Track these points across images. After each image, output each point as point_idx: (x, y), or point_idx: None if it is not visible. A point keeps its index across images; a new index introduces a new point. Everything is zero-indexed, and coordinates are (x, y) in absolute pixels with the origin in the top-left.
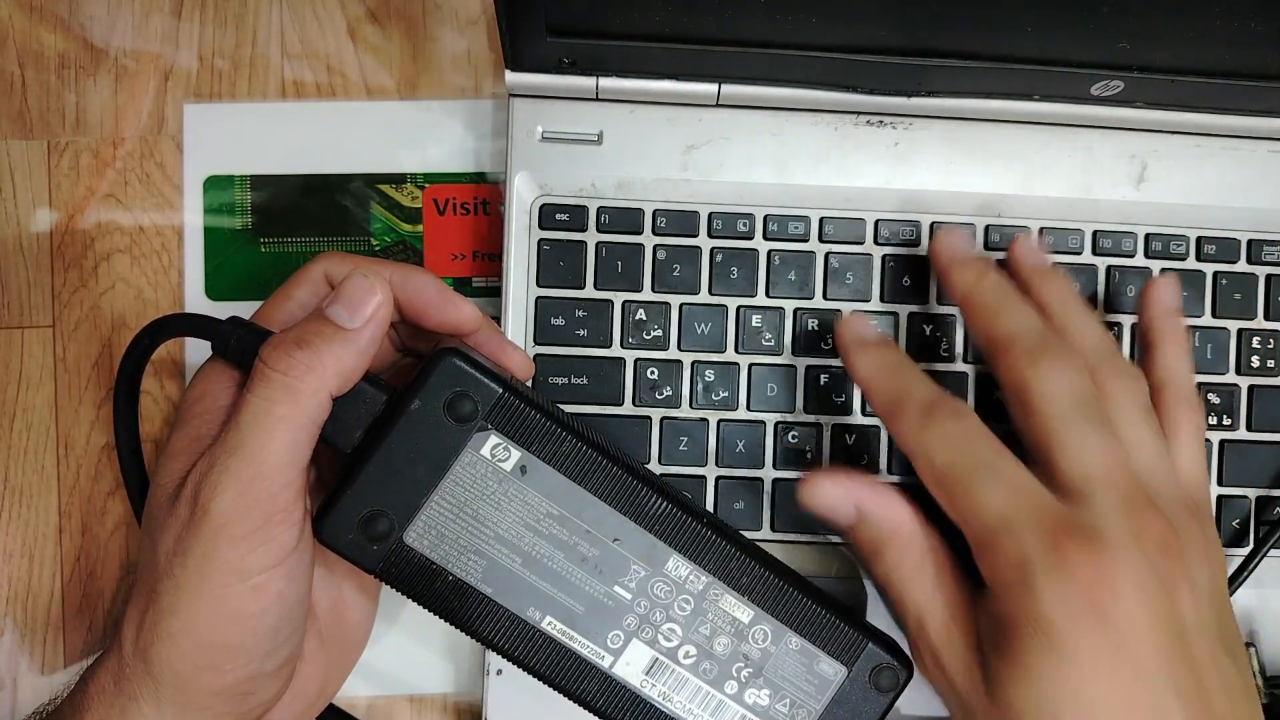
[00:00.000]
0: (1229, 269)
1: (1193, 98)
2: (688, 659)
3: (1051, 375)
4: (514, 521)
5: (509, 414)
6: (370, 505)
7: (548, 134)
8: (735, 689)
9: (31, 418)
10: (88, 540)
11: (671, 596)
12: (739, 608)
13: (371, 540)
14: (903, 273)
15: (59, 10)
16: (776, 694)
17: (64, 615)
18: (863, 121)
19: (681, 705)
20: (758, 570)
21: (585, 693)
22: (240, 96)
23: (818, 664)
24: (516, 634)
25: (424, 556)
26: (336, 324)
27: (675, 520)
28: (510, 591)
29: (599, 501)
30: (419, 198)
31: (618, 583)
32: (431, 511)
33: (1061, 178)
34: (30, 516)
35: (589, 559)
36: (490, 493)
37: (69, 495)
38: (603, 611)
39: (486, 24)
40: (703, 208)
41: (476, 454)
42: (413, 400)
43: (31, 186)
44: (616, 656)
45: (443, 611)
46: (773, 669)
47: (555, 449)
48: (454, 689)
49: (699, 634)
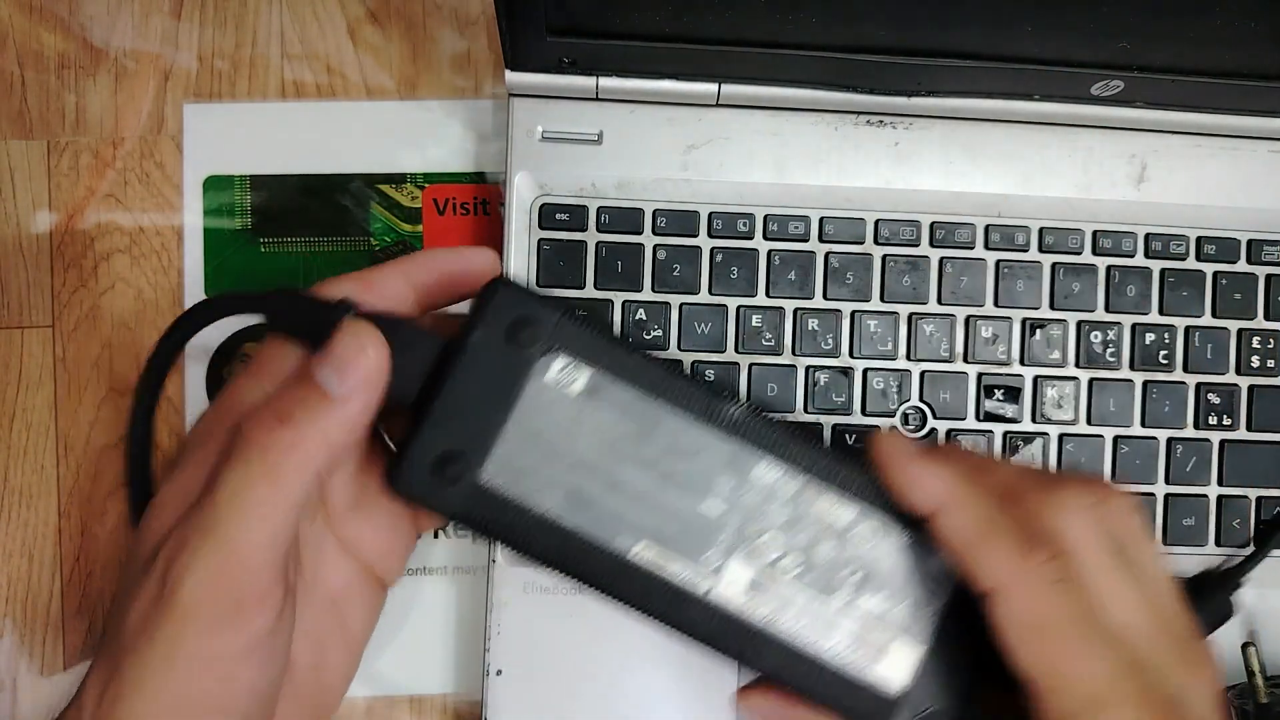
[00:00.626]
0: (1229, 269)
1: (1193, 98)
2: (791, 571)
3: (1082, 516)
4: (589, 446)
5: (571, 335)
6: (440, 448)
7: (548, 134)
8: (847, 596)
9: (31, 418)
10: (87, 540)
11: (764, 505)
12: (839, 508)
13: (446, 485)
14: (903, 273)
15: (59, 10)
16: (893, 597)
17: (63, 615)
18: (863, 121)
19: (790, 623)
20: (851, 466)
21: (687, 623)
22: (240, 97)
23: (932, 560)
24: (606, 568)
25: (502, 494)
26: (323, 391)
27: (756, 424)
28: (595, 521)
29: (674, 415)
30: (419, 198)
31: (706, 497)
32: (504, 446)
33: (1061, 178)
34: (30, 516)
35: (671, 476)
36: (562, 419)
37: (68, 495)
38: (694, 530)
39: (486, 24)
40: (703, 208)
41: (543, 380)
42: (472, 333)
43: (31, 187)
44: (715, 578)
45: (527, 550)
46: (885, 570)
47: (622, 365)
48: (454, 689)
49: (799, 541)
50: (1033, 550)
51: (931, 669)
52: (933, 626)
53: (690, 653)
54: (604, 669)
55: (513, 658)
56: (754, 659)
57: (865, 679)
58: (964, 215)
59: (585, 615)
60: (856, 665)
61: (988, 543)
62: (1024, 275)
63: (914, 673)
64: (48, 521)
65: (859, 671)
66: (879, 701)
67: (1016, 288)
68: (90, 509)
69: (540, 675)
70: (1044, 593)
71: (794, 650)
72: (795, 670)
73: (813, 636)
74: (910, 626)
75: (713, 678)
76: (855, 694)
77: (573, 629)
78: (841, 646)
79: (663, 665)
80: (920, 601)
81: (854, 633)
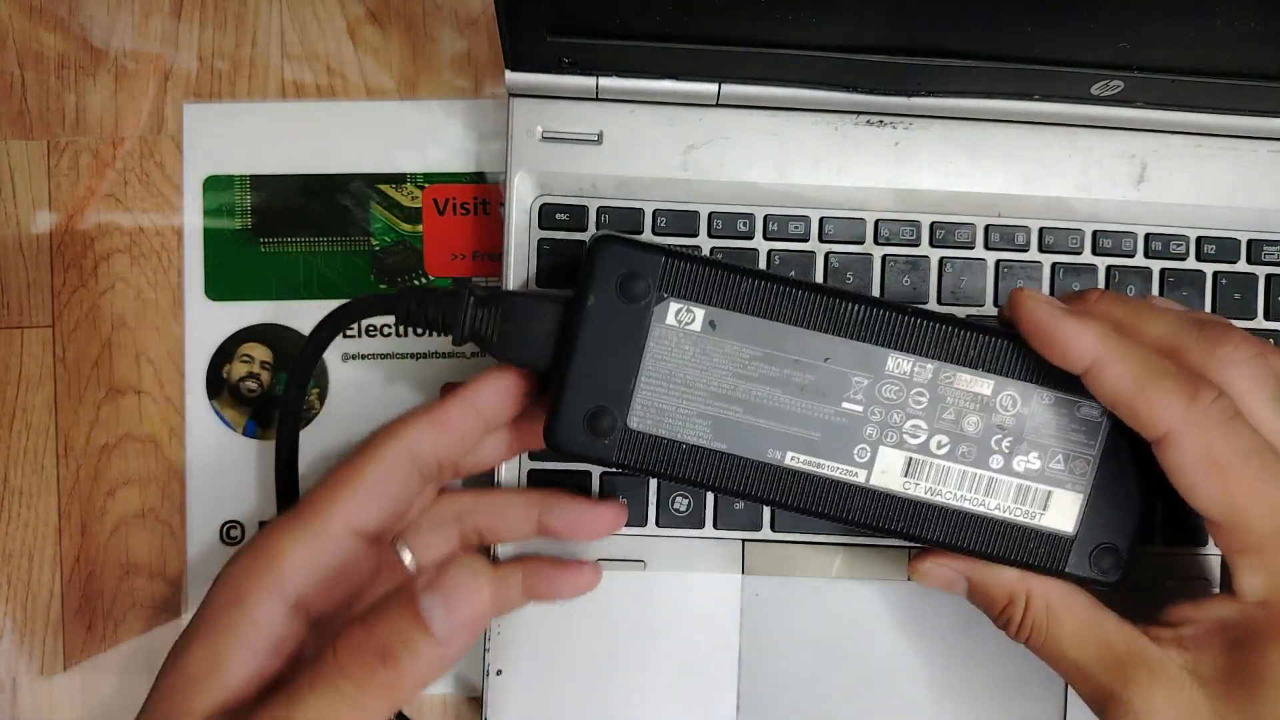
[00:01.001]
0: (1229, 269)
1: (1193, 98)
2: (941, 448)
3: (1243, 368)
4: (723, 375)
5: (679, 277)
6: (588, 405)
7: (548, 134)
8: (1001, 462)
9: (31, 418)
10: (87, 540)
11: (903, 394)
12: (977, 382)
13: (601, 436)
14: (903, 272)
15: (59, 11)
16: (1046, 453)
17: (63, 615)
18: (863, 121)
19: (952, 494)
20: (981, 340)
21: (852, 513)
22: (240, 97)
23: (1078, 411)
24: (764, 479)
25: (652, 435)
26: (428, 628)
27: (877, 320)
28: (744, 441)
29: (794, 328)
30: (419, 198)
31: (844, 399)
32: (643, 392)
33: (1061, 178)
34: (30, 517)
35: (807, 386)
36: (690, 356)
37: (68, 495)
38: (839, 431)
39: (486, 24)
40: (703, 208)
41: (664, 324)
42: (587, 296)
43: (31, 187)
44: (869, 469)
45: (689, 479)
46: (1033, 430)
47: (734, 294)
48: (454, 689)
49: (944, 420)
50: (1200, 391)
51: (1096, 511)
52: (1091, 472)
53: (690, 652)
54: (604, 669)
55: (513, 658)
56: (923, 533)
57: (1035, 528)
58: (964, 215)
59: (585, 615)
60: (1023, 519)
61: (1151, 390)
62: (1024, 275)
63: (1078, 518)
64: (48, 521)
65: (1028, 523)
66: (1053, 544)
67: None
68: (90, 509)
69: (540, 675)
70: (1217, 431)
71: (962, 516)
72: (965, 535)
73: (976, 502)
74: (1068, 477)
75: (713, 678)
76: (1028, 543)
77: (573, 629)
78: (1006, 506)
79: (663, 665)
80: (1073, 453)
81: (1014, 492)
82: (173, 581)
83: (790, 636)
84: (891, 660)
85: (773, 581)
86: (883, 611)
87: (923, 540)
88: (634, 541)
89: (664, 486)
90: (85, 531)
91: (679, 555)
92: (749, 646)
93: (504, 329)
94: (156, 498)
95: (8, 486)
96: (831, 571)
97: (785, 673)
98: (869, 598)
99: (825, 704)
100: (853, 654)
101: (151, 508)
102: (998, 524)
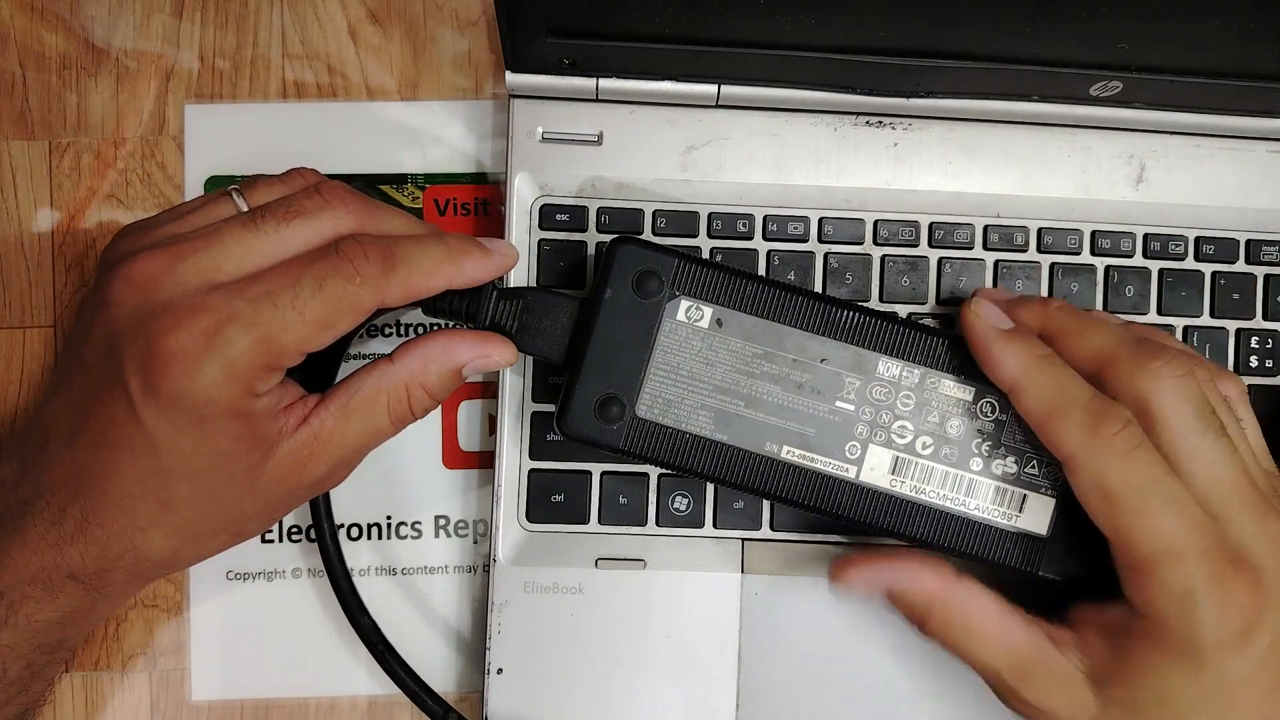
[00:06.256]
0: (1227, 269)
1: (1192, 98)
2: (926, 449)
3: (1171, 383)
4: (726, 370)
5: (691, 277)
6: (598, 393)
7: (548, 134)
8: (980, 464)
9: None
10: None
11: (891, 396)
12: (959, 389)
13: (609, 423)
14: (902, 273)
15: (60, 10)
16: (1022, 458)
17: None
18: (862, 122)
19: (935, 493)
20: (963, 350)
21: (841, 507)
22: (241, 97)
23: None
24: (761, 470)
25: (657, 423)
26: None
27: (870, 327)
28: (743, 434)
29: (795, 330)
30: (420, 198)
31: (837, 398)
32: (652, 382)
33: (1060, 178)
34: None
35: (804, 384)
36: (697, 351)
37: None
38: (832, 428)
39: (486, 25)
40: (702, 208)
41: (674, 320)
42: (604, 292)
43: (33, 187)
44: (859, 465)
45: (690, 468)
46: (1009, 436)
47: (741, 296)
48: (454, 689)
49: (929, 423)
50: (1102, 423)
51: (1065, 516)
52: (1063, 478)
53: (690, 651)
54: (604, 669)
55: (513, 657)
56: (908, 530)
57: (1011, 529)
58: (963, 215)
59: (585, 615)
60: (1001, 521)
61: (1058, 417)
62: (1023, 275)
63: (1051, 520)
64: None
65: (1005, 525)
66: (1027, 545)
67: (1015, 288)
68: None
69: (540, 675)
70: (1112, 463)
71: (944, 516)
72: (947, 533)
73: (958, 502)
74: (1042, 482)
75: (712, 677)
76: (1005, 544)
77: (573, 629)
78: (985, 506)
79: (662, 664)
80: (1047, 459)
81: (993, 494)
82: (174, 579)
83: (789, 635)
84: (891, 660)
85: (772, 581)
86: (882, 611)
87: (908, 538)
88: (634, 541)
89: (664, 486)
90: None
91: (679, 555)
92: (748, 645)
93: (524, 320)
94: None
95: None
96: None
97: (784, 672)
98: (868, 597)
99: (825, 703)
100: (852, 653)
101: None
102: (977, 524)
